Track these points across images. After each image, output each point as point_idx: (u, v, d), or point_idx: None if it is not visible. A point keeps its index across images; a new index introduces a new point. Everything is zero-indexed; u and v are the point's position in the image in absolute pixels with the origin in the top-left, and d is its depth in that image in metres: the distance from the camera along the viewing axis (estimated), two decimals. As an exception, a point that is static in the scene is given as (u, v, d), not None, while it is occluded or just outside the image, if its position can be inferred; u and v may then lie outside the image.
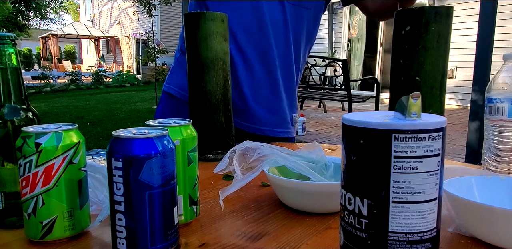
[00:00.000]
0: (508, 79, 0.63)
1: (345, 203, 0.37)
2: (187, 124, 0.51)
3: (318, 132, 4.78)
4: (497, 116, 0.64)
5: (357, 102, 4.47)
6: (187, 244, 0.47)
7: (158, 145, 0.41)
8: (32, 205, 0.45)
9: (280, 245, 0.46)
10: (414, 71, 0.65)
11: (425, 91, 0.65)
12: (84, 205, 0.49)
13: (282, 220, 0.54)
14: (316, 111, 6.66)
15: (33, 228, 0.46)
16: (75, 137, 0.47)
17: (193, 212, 0.52)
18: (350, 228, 0.37)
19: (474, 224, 0.46)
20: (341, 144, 0.38)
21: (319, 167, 0.61)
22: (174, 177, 0.43)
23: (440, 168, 0.34)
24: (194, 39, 0.86)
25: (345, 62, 4.37)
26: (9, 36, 0.52)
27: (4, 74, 0.52)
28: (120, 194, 0.40)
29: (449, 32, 0.65)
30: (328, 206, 0.55)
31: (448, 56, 0.66)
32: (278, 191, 0.60)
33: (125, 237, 0.41)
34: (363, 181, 0.35)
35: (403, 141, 0.33)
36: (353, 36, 8.77)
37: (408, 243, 0.34)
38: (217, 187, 0.63)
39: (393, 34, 0.69)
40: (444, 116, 0.38)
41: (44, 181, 0.45)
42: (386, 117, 0.36)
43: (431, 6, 0.66)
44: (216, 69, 0.87)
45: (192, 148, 0.51)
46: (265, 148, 0.59)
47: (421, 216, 0.34)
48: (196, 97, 0.88)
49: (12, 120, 0.52)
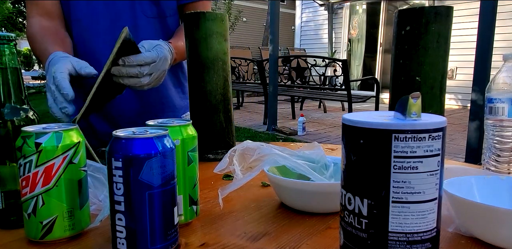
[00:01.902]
0: (508, 79, 0.63)
1: (345, 203, 0.37)
2: (187, 124, 0.51)
3: (318, 132, 4.78)
4: (497, 116, 0.64)
5: (357, 102, 4.47)
6: (187, 244, 0.47)
7: (158, 145, 0.41)
8: (32, 205, 0.45)
9: (280, 245, 0.46)
10: (414, 71, 0.65)
11: (425, 91, 0.65)
12: (84, 205, 0.49)
13: (282, 220, 0.54)
14: (316, 111, 6.66)
15: (33, 228, 0.46)
16: (75, 137, 0.47)
17: (193, 212, 0.52)
18: (350, 228, 0.37)
19: (474, 224, 0.46)
20: (341, 144, 0.38)
21: (319, 167, 0.61)
22: (174, 177, 0.43)
23: (440, 168, 0.34)
24: (194, 39, 0.86)
25: (345, 62, 4.37)
26: (9, 36, 0.52)
27: (4, 74, 0.52)
28: (120, 194, 0.40)
29: (449, 32, 0.65)
30: (328, 206, 0.55)
31: (448, 56, 0.66)
32: (278, 191, 0.60)
33: (125, 237, 0.41)
34: (363, 181, 0.35)
35: (403, 141, 0.33)
36: (353, 36, 8.77)
37: (408, 243, 0.34)
38: (217, 187, 0.63)
39: (393, 34, 0.69)
40: (444, 116, 0.38)
41: (44, 181, 0.45)
42: (386, 117, 0.36)
43: (431, 6, 0.66)
44: (216, 69, 0.87)
45: (192, 148, 0.51)
46: (265, 148, 0.59)
47: (421, 216, 0.34)
48: (196, 97, 0.88)
49: (12, 120, 0.52)
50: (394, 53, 0.68)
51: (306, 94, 5.46)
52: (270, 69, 4.78)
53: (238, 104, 6.99)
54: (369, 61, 8.67)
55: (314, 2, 9.05)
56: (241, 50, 7.86)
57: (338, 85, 4.68)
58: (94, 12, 1.00)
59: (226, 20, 0.87)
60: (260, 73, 5.36)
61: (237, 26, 14.28)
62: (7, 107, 0.52)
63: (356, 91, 7.65)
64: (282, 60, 5.47)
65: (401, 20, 0.66)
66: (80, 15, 1.01)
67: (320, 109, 6.72)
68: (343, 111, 6.38)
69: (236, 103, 6.97)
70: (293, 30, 10.76)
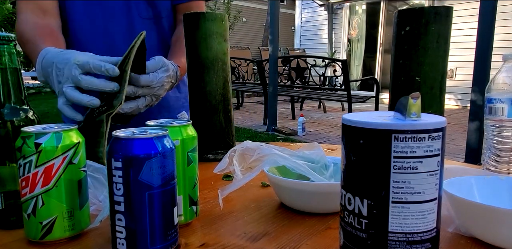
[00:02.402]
0: (507, 79, 0.63)
1: (345, 203, 0.37)
2: (187, 124, 0.51)
3: (318, 132, 4.78)
4: (497, 116, 0.64)
5: (357, 102, 4.47)
6: (187, 244, 0.47)
7: (158, 146, 0.41)
8: (32, 205, 0.45)
9: (280, 245, 0.46)
10: (414, 71, 0.65)
11: (424, 91, 0.65)
12: (84, 205, 0.49)
13: (282, 220, 0.54)
14: (316, 111, 6.67)
15: (32, 228, 0.46)
16: (74, 137, 0.47)
17: (193, 213, 0.52)
18: (350, 228, 0.37)
19: (474, 224, 0.46)
20: (341, 144, 0.39)
21: (319, 167, 0.61)
22: (174, 177, 0.43)
23: (440, 168, 0.34)
24: (193, 39, 0.86)
25: (345, 62, 4.37)
26: (8, 36, 0.52)
27: (3, 75, 0.52)
28: (120, 195, 0.40)
29: (449, 32, 0.65)
30: (328, 206, 0.55)
31: (448, 56, 0.66)
32: (278, 191, 0.60)
33: (125, 238, 0.41)
34: (363, 181, 0.35)
35: (403, 141, 0.33)
36: (353, 36, 8.77)
37: (408, 243, 0.34)
38: (217, 187, 0.63)
39: (393, 35, 0.69)
40: (443, 116, 0.38)
41: (44, 181, 0.45)
42: (386, 117, 0.36)
43: (431, 6, 0.66)
44: (216, 70, 0.87)
45: (192, 149, 0.51)
46: (265, 148, 0.59)
47: (421, 216, 0.34)
48: (196, 97, 0.88)
49: (12, 120, 0.52)
50: (394, 53, 0.68)
51: (306, 94, 5.46)
52: (270, 69, 4.79)
53: (238, 104, 7.00)
54: (369, 61, 8.67)
55: (313, 2, 9.05)
56: (241, 51, 7.86)
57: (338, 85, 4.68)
58: (89, 13, 1.00)
59: (225, 20, 0.87)
60: (260, 74, 5.36)
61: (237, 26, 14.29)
62: (7, 107, 0.52)
63: (356, 91, 7.65)
64: (282, 60, 5.47)
65: (400, 20, 0.66)
66: (75, 15, 1.00)
67: (320, 109, 6.72)
68: (343, 111, 6.38)
69: (236, 103, 6.97)
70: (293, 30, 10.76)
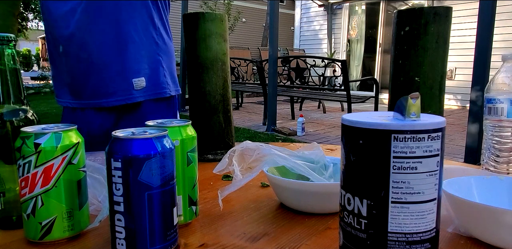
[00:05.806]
0: (507, 79, 0.64)
1: (345, 203, 0.37)
2: (186, 124, 0.51)
3: (317, 132, 4.78)
4: (496, 116, 0.64)
5: (357, 102, 4.47)
6: (187, 244, 0.47)
7: (158, 146, 0.41)
8: (31, 205, 0.45)
9: (279, 246, 0.46)
10: (413, 71, 0.65)
11: (424, 91, 0.65)
12: (84, 205, 0.49)
13: (282, 220, 0.54)
14: (315, 111, 6.66)
15: (32, 228, 0.46)
16: (74, 137, 0.47)
17: (192, 213, 0.52)
18: (349, 229, 0.37)
19: (473, 224, 0.47)
20: (340, 145, 0.39)
21: (319, 168, 0.61)
22: (173, 177, 0.43)
23: (439, 168, 0.34)
24: (193, 39, 0.86)
25: (344, 62, 4.37)
26: (8, 36, 0.52)
27: (3, 75, 0.52)
28: (120, 195, 0.40)
29: (448, 32, 0.65)
30: (327, 207, 0.55)
31: (447, 57, 0.66)
32: (278, 192, 0.60)
33: (125, 238, 0.41)
34: (363, 182, 0.35)
35: (402, 141, 0.33)
36: (352, 37, 8.78)
37: (408, 243, 0.34)
38: (216, 187, 0.63)
39: (392, 35, 0.69)
40: (443, 117, 0.38)
41: (43, 181, 0.45)
42: (386, 117, 0.36)
43: (430, 6, 0.66)
44: (215, 70, 0.87)
45: (192, 149, 0.51)
46: (265, 149, 0.59)
47: (421, 216, 0.34)
48: (196, 97, 0.88)
49: (11, 120, 0.52)
50: (393, 53, 0.68)
51: (306, 95, 5.46)
52: (269, 70, 4.78)
53: (237, 104, 6.99)
54: (369, 62, 8.67)
55: (313, 3, 9.06)
56: (241, 51, 7.87)
57: (338, 86, 4.68)
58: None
59: (225, 20, 0.87)
60: (259, 74, 5.36)
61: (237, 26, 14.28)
62: (6, 107, 0.52)
63: (356, 91, 7.66)
64: (281, 61, 5.48)
65: (400, 20, 0.66)
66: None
67: (320, 109, 6.72)
68: (343, 111, 6.38)
69: (236, 103, 6.97)
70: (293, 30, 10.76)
